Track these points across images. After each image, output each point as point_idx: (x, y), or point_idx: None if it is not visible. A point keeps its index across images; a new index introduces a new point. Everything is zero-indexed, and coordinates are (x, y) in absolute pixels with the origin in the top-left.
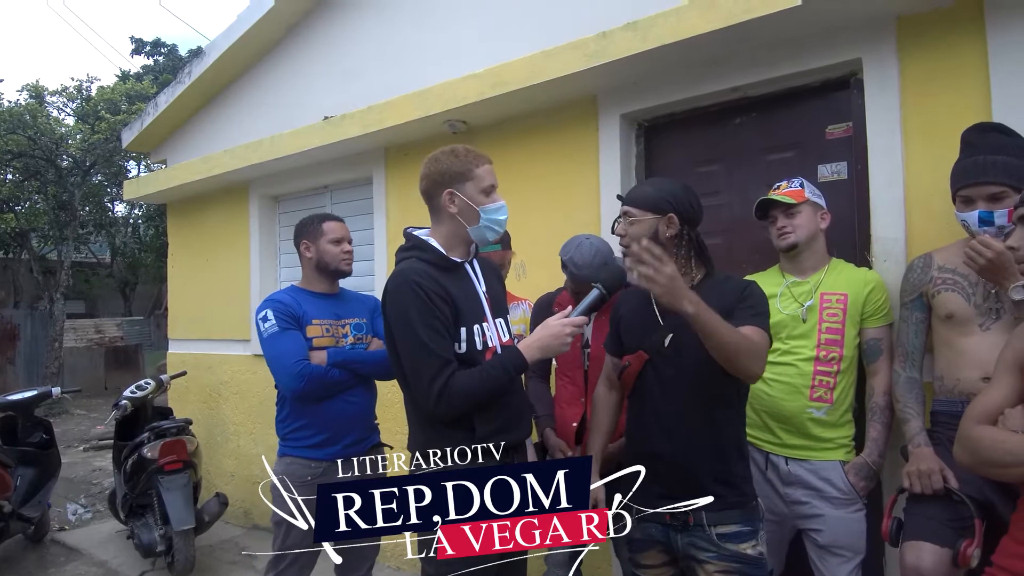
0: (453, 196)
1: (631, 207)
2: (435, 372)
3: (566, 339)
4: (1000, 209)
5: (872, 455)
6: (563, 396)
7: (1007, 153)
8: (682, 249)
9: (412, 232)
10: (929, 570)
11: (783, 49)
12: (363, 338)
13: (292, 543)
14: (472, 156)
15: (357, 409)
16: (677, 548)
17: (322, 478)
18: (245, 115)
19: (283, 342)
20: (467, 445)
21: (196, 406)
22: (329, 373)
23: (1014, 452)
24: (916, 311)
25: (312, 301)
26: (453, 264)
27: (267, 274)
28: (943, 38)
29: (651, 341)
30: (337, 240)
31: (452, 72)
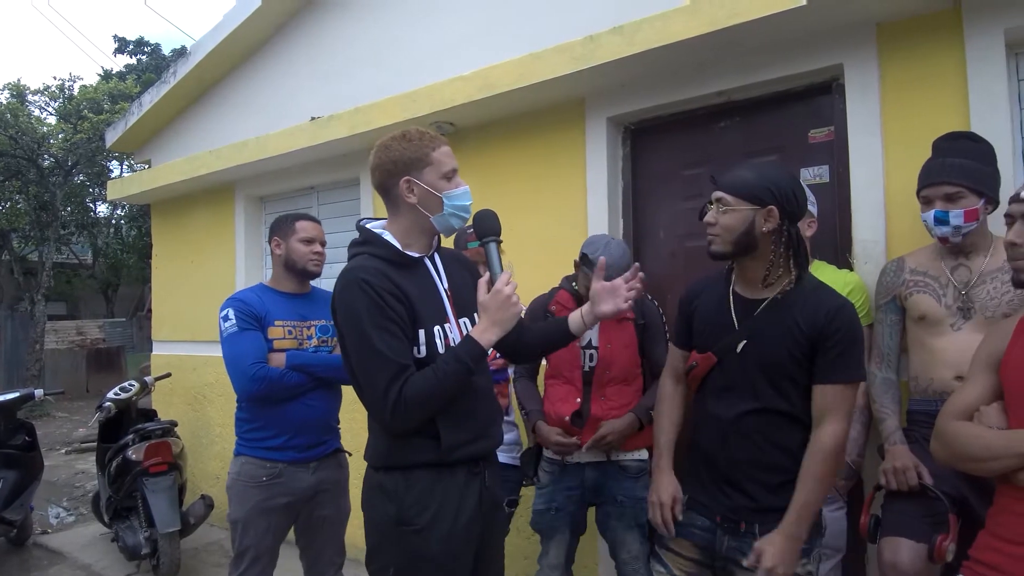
0: (411, 184)
1: (727, 193)
2: (390, 380)
3: (510, 306)
4: (956, 209)
5: (851, 454)
6: (555, 395)
7: (968, 156)
8: (780, 247)
9: (365, 225)
10: (906, 565)
11: (767, 54)
12: (328, 340)
13: (250, 543)
14: (427, 139)
15: (316, 413)
16: (719, 548)
17: (277, 480)
18: (231, 115)
19: (241, 343)
20: (432, 457)
21: (181, 408)
22: (286, 377)
23: (989, 447)
24: (890, 313)
25: (278, 301)
26: (409, 260)
27: (253, 275)
28: (922, 44)
29: (723, 345)
30: (308, 240)
31: (440, 74)
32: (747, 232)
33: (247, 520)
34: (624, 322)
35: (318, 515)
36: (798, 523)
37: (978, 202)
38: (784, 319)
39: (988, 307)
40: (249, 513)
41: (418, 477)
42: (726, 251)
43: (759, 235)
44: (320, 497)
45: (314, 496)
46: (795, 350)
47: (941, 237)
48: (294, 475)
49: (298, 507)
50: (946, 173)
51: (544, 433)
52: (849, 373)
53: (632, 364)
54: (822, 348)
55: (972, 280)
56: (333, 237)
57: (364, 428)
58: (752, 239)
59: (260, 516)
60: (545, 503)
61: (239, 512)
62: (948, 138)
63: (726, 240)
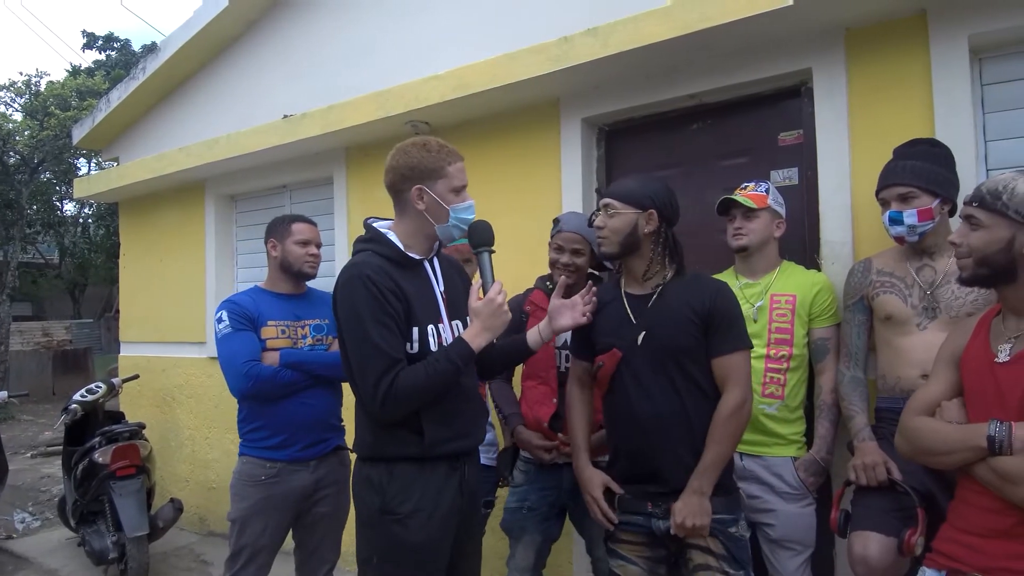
0: (422, 193)
1: (613, 199)
2: (382, 371)
3: (502, 312)
4: (909, 209)
5: (821, 451)
6: (533, 397)
7: (923, 159)
8: (658, 247)
9: (372, 224)
10: (876, 559)
11: (738, 58)
12: (323, 339)
13: (247, 541)
14: (445, 153)
15: (313, 411)
16: (659, 531)
17: (275, 479)
18: (201, 112)
19: (234, 343)
20: (416, 451)
21: (149, 410)
22: (279, 374)
23: (946, 441)
24: (858, 313)
25: (272, 302)
26: (410, 261)
27: (223, 275)
28: (889, 50)
29: (625, 339)
30: (304, 242)
31: (414, 73)
32: (631, 233)
33: (244, 519)
34: None
35: (317, 512)
36: (701, 479)
37: (932, 202)
38: (674, 305)
39: (952, 307)
40: (246, 512)
41: (401, 469)
42: (614, 251)
43: (641, 236)
44: (320, 495)
45: (314, 494)
46: (690, 329)
47: (897, 237)
48: (293, 474)
49: (297, 505)
50: (898, 175)
51: (526, 439)
52: (738, 343)
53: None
54: (712, 325)
55: (937, 280)
56: None
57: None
58: (635, 239)
59: (257, 515)
60: (518, 501)
61: (237, 511)
62: (907, 144)
63: (614, 241)
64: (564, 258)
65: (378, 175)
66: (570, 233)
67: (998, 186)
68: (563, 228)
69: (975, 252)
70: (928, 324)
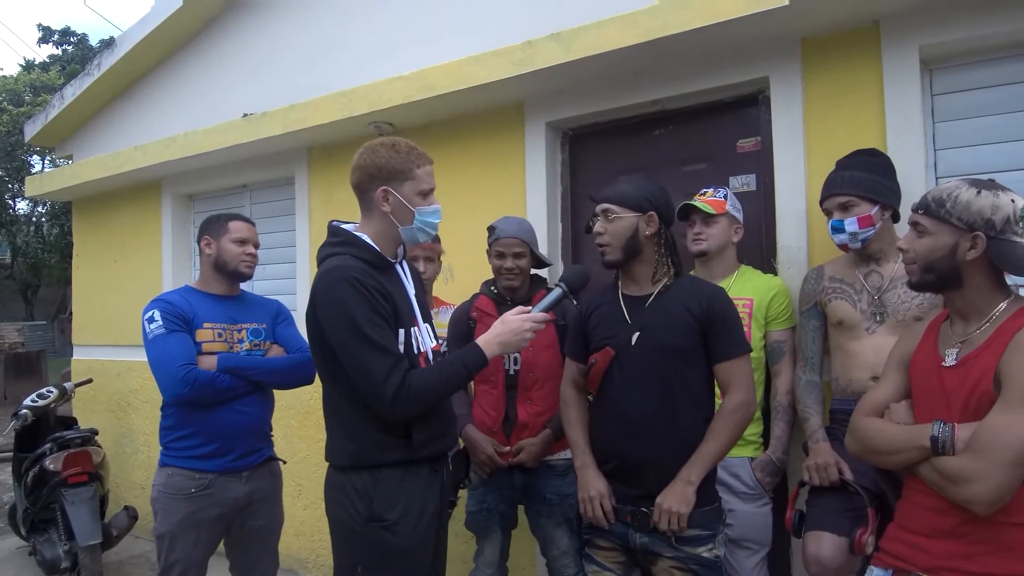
0: (387, 194)
1: (612, 204)
2: (389, 369)
3: (526, 335)
4: (849, 217)
5: (777, 452)
6: (487, 401)
7: (861, 169)
8: (661, 248)
9: (341, 227)
10: (828, 559)
11: (698, 66)
12: (261, 344)
13: (178, 557)
14: (415, 155)
15: (249, 419)
16: (635, 545)
17: (207, 491)
18: (158, 110)
19: (168, 344)
20: (404, 454)
21: (103, 416)
22: (218, 379)
23: (894, 441)
24: (812, 319)
25: (206, 303)
26: (388, 264)
27: (180, 277)
28: (843, 59)
29: (618, 339)
30: (241, 240)
31: (378, 73)
32: (633, 237)
33: (175, 534)
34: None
35: (251, 526)
36: (691, 468)
37: (871, 209)
38: (671, 308)
39: (899, 311)
40: (177, 527)
41: (387, 475)
42: (618, 258)
43: (643, 239)
44: (253, 507)
45: (247, 506)
46: (686, 331)
47: (840, 244)
48: (225, 485)
49: (229, 518)
50: (838, 185)
51: (475, 441)
52: (738, 348)
53: (554, 364)
54: (711, 330)
55: (884, 285)
56: (267, 238)
57: (298, 436)
58: (638, 243)
59: (189, 529)
60: (477, 504)
61: (166, 526)
62: (848, 156)
63: (616, 247)
64: (508, 263)
65: (341, 176)
66: (509, 238)
67: (942, 194)
68: (501, 235)
69: (920, 258)
70: (877, 328)
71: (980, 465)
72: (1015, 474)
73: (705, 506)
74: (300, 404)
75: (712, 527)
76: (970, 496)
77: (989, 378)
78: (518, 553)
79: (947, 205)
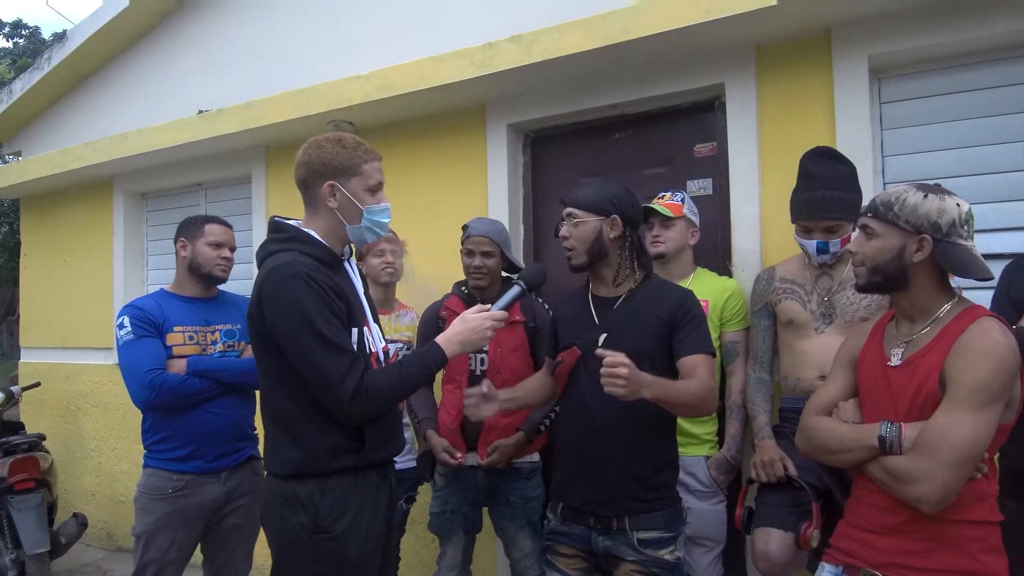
0: (334, 189)
1: (575, 208)
2: (346, 368)
3: (486, 333)
4: (835, 239)
5: (731, 450)
6: (449, 402)
7: (841, 187)
8: (625, 251)
9: (286, 222)
10: (776, 554)
11: (657, 71)
12: (235, 345)
13: (153, 557)
14: (362, 150)
15: (224, 420)
16: (597, 548)
17: (183, 491)
18: (111, 106)
19: (137, 350)
20: (353, 461)
21: (52, 420)
22: (185, 383)
23: (843, 440)
24: (763, 319)
25: (179, 306)
26: (338, 261)
27: (132, 277)
28: (796, 67)
29: (585, 339)
30: (216, 244)
31: (337, 72)
32: (597, 240)
33: (151, 534)
34: (514, 325)
35: (228, 525)
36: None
37: (850, 227)
38: (640, 310)
39: (847, 312)
40: (153, 526)
41: (335, 483)
42: (584, 262)
43: (607, 242)
44: (231, 507)
45: (224, 506)
46: (654, 333)
47: (821, 262)
48: (202, 486)
49: (206, 519)
50: (827, 208)
51: (434, 445)
52: (704, 346)
53: (522, 366)
54: (678, 329)
55: (834, 288)
56: None
57: None
58: (602, 246)
59: (164, 530)
60: (441, 505)
61: (143, 525)
62: (813, 156)
63: (581, 251)
64: (475, 261)
65: None
66: (479, 236)
67: (890, 197)
68: (471, 232)
69: (869, 260)
70: (826, 328)
71: (926, 465)
72: (960, 474)
73: (667, 508)
74: None
75: (674, 529)
76: (918, 495)
77: (934, 379)
78: (481, 555)
79: (895, 208)
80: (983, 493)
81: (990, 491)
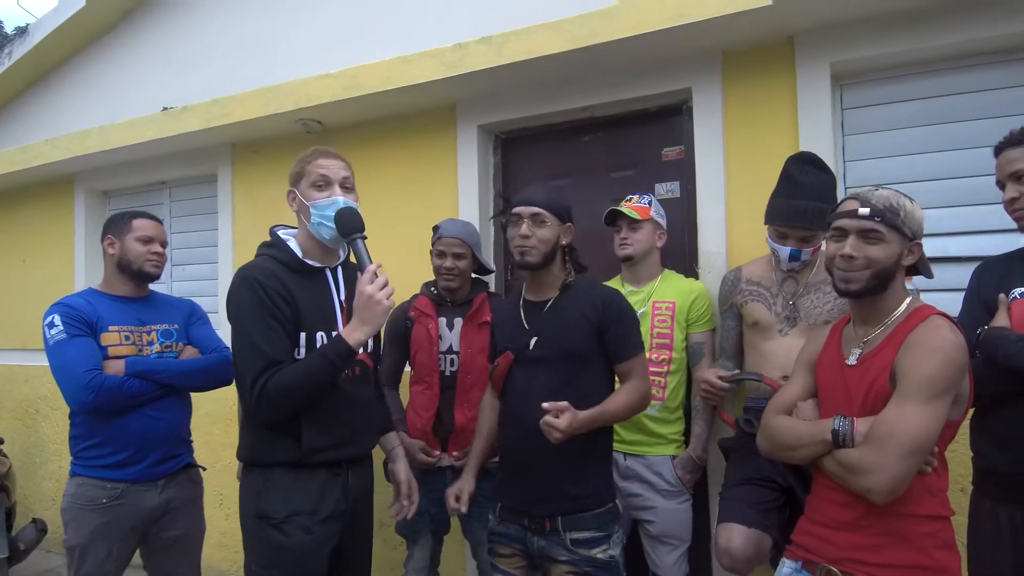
0: (293, 195)
1: (545, 210)
2: (259, 371)
3: (379, 300)
4: (807, 248)
5: (696, 450)
6: (419, 403)
7: (823, 198)
8: (565, 258)
9: (275, 231)
10: (739, 550)
11: (626, 74)
12: (173, 346)
13: (90, 570)
14: (312, 153)
15: (163, 424)
16: (532, 549)
17: (119, 501)
18: (73, 103)
19: (71, 350)
20: (292, 457)
21: (9, 423)
22: (126, 384)
23: (800, 437)
24: (728, 319)
25: (111, 305)
26: (307, 267)
27: (94, 277)
28: (761, 73)
29: (517, 343)
30: (146, 239)
31: (305, 70)
32: (555, 244)
33: (85, 546)
34: (483, 326)
35: (168, 535)
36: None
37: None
38: (569, 311)
39: (811, 315)
40: (88, 538)
41: (278, 475)
42: (539, 262)
43: (559, 248)
44: (170, 516)
45: (163, 516)
46: (583, 334)
47: (790, 269)
48: (139, 495)
49: (144, 529)
50: (809, 219)
51: (407, 446)
52: (636, 348)
53: None
54: (608, 333)
55: (799, 291)
56: (187, 237)
57: (220, 443)
58: (555, 251)
59: (100, 541)
60: None
61: (76, 538)
62: (796, 161)
63: (540, 251)
64: (447, 263)
65: (266, 173)
66: (451, 238)
67: (891, 202)
68: (443, 234)
69: (875, 264)
70: (789, 331)
71: (877, 456)
72: (910, 464)
73: (599, 508)
74: (222, 411)
75: (606, 528)
76: (868, 486)
77: (885, 375)
78: (449, 558)
79: (901, 215)
80: (933, 488)
81: (940, 486)
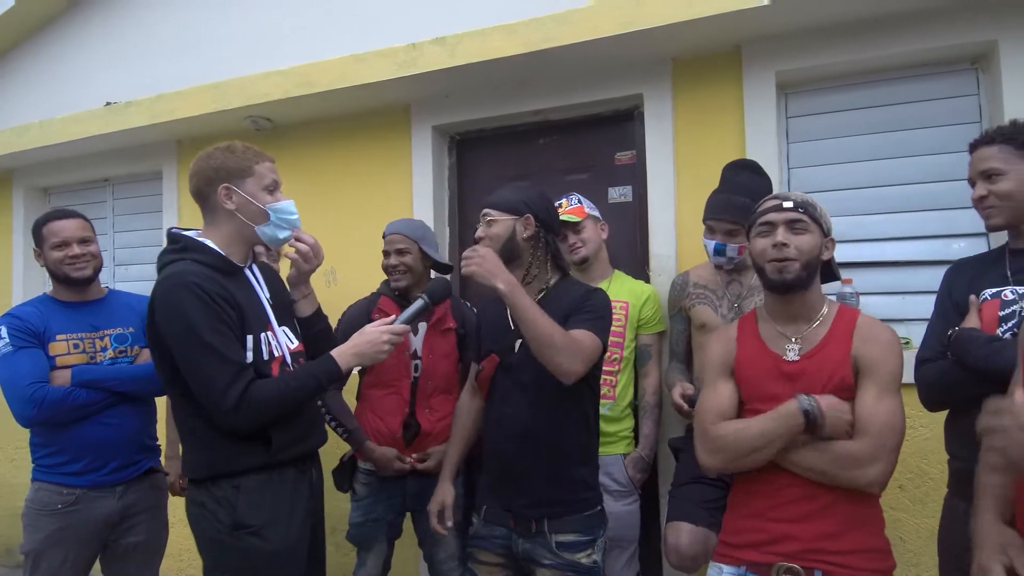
0: (230, 191)
1: (490, 208)
2: (231, 378)
3: (383, 347)
4: (733, 243)
5: (645, 449)
6: (383, 407)
7: (752, 196)
8: (539, 251)
9: (181, 232)
10: (686, 547)
11: (579, 79)
12: (128, 350)
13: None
14: (252, 153)
15: (119, 431)
16: (517, 551)
17: (74, 507)
18: (11, 96)
19: (16, 363)
20: (261, 460)
21: None
22: (72, 395)
23: (762, 432)
24: (677, 323)
25: (60, 312)
26: (235, 268)
27: (33, 278)
28: (709, 80)
29: (502, 345)
30: (60, 244)
31: (254, 66)
32: (511, 239)
33: (40, 551)
34: (447, 332)
35: (127, 543)
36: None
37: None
38: (552, 312)
39: None
40: (42, 544)
41: (249, 481)
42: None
43: (520, 242)
44: (129, 523)
45: (121, 522)
46: None
47: (716, 264)
48: (95, 501)
49: (102, 535)
50: (731, 211)
51: (377, 456)
52: (590, 328)
53: (452, 372)
54: (574, 313)
55: (743, 293)
56: (130, 236)
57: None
58: (515, 245)
59: (55, 547)
60: (363, 515)
61: (31, 543)
62: (734, 167)
63: (494, 249)
64: (391, 260)
65: None
66: (392, 235)
67: (808, 199)
68: (385, 232)
69: (803, 255)
70: None
71: (878, 449)
72: (897, 454)
73: (586, 511)
74: None
75: (592, 532)
76: (872, 478)
77: (846, 367)
78: (402, 560)
79: (818, 208)
80: None
81: None
